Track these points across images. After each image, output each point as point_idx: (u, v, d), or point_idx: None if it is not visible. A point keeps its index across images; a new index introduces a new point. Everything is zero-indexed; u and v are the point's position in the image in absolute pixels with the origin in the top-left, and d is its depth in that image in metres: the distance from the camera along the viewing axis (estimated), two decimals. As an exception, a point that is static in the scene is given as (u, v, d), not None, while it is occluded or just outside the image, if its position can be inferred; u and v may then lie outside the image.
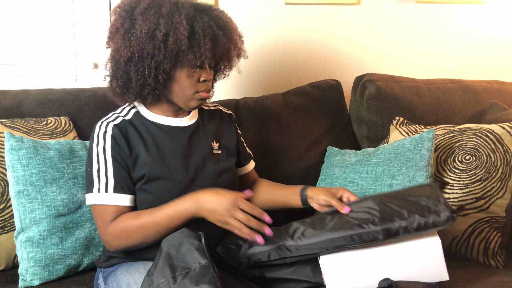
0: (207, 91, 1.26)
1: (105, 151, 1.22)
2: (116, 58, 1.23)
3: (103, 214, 1.20)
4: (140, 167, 1.23)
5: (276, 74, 2.09)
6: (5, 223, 1.42)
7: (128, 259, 1.27)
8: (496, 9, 2.13)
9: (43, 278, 1.34)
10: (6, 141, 1.37)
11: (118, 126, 1.24)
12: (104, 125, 1.25)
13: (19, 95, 1.66)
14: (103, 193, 1.20)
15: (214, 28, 1.22)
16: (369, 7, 2.08)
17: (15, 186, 1.35)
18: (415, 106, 1.83)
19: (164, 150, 1.26)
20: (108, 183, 1.20)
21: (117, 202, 1.21)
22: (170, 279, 0.98)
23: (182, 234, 1.08)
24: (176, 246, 1.05)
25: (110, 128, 1.23)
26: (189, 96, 1.25)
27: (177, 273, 0.98)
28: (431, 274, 1.11)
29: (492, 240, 1.41)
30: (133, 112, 1.29)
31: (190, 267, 0.99)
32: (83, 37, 1.96)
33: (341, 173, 1.60)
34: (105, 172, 1.21)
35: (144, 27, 1.18)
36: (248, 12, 2.00)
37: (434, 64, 2.15)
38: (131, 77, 1.22)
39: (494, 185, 1.44)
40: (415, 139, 1.48)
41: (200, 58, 1.20)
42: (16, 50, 1.94)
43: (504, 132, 1.48)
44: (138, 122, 1.28)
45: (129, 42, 1.19)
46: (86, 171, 1.25)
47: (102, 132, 1.23)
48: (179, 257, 1.02)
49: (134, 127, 1.26)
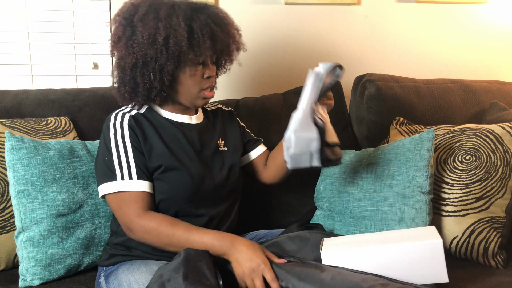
0: (211, 88, 1.29)
1: (124, 139, 1.24)
2: (121, 66, 1.26)
3: (129, 201, 1.21)
4: (156, 157, 1.25)
5: (276, 74, 2.09)
6: (5, 223, 1.42)
7: (129, 256, 1.28)
8: (496, 9, 2.14)
9: (44, 278, 1.34)
10: (7, 141, 1.37)
11: (134, 117, 1.28)
12: (120, 116, 1.28)
13: (19, 95, 1.66)
14: (127, 180, 1.21)
15: (211, 26, 1.24)
16: (369, 7, 2.08)
17: (16, 186, 1.35)
18: (415, 106, 1.83)
19: (178, 143, 1.30)
20: (131, 170, 1.22)
21: (142, 188, 1.22)
22: (182, 275, 1.00)
23: (204, 254, 1.11)
24: (194, 258, 1.08)
25: (126, 118, 1.27)
26: (194, 95, 1.28)
27: (189, 275, 1.00)
28: (431, 275, 1.11)
29: (492, 240, 1.41)
30: (146, 107, 1.32)
31: (207, 277, 1.01)
32: (83, 37, 1.96)
33: (341, 173, 1.60)
34: (126, 160, 1.23)
35: (145, 33, 1.20)
36: (248, 12, 2.00)
37: (434, 64, 2.15)
38: (138, 82, 1.24)
39: (494, 185, 1.44)
40: (415, 139, 1.48)
41: (201, 56, 1.23)
42: (16, 50, 1.94)
43: (504, 132, 1.48)
44: (151, 116, 1.31)
45: (132, 49, 1.22)
46: (101, 162, 1.25)
47: (119, 122, 1.26)
48: (196, 266, 1.05)
49: (148, 120, 1.29)
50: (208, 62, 1.27)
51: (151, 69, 1.22)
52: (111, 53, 1.30)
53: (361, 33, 2.09)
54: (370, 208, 1.49)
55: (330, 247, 1.15)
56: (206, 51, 1.22)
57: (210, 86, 1.29)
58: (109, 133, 1.26)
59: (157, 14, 1.22)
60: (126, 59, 1.23)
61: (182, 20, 1.21)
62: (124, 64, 1.25)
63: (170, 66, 1.22)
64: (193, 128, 1.34)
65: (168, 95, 1.29)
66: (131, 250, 1.28)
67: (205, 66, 1.27)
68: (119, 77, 1.28)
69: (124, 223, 1.23)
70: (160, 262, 1.25)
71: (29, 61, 1.95)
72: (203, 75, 1.27)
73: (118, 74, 1.28)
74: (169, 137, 1.29)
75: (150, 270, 1.19)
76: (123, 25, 1.25)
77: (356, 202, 1.52)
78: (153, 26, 1.20)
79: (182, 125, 1.33)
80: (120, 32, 1.25)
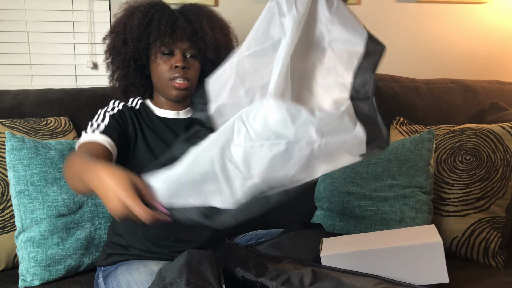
0: (183, 79, 1.27)
1: (106, 112, 1.27)
2: (112, 71, 1.36)
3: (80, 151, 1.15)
4: (137, 154, 1.27)
5: (276, 74, 2.09)
6: (5, 223, 1.42)
7: (127, 256, 1.27)
8: (496, 9, 2.13)
9: (44, 278, 1.34)
10: (7, 141, 1.37)
11: (127, 107, 1.31)
12: (117, 102, 1.32)
13: (19, 95, 1.66)
14: (89, 133, 1.20)
15: (176, 15, 1.29)
16: (369, 7, 2.08)
17: (16, 186, 1.35)
18: (415, 106, 1.83)
19: (162, 140, 1.29)
20: (99, 128, 1.21)
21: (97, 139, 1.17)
22: (185, 281, 0.98)
23: (207, 256, 1.10)
24: (197, 261, 1.07)
25: (122, 104, 1.31)
26: (164, 84, 1.29)
27: (192, 280, 0.99)
28: (431, 275, 1.11)
29: (492, 240, 1.41)
30: (140, 102, 1.36)
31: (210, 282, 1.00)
32: (83, 37, 1.96)
33: (341, 173, 1.60)
34: (97, 123, 1.23)
35: (119, 38, 1.30)
36: (248, 12, 2.00)
37: (434, 64, 2.15)
38: (116, 74, 1.35)
39: (494, 185, 1.44)
40: (415, 139, 1.48)
41: (164, 44, 1.26)
42: (16, 50, 1.94)
43: (504, 132, 1.48)
44: (143, 111, 1.33)
45: (117, 57, 1.32)
46: None
47: (112, 104, 1.31)
48: (199, 271, 1.04)
49: (139, 115, 1.32)
50: (178, 52, 1.27)
51: (121, 59, 1.30)
52: (112, 65, 1.38)
53: (361, 33, 2.09)
54: (370, 208, 1.49)
55: (330, 248, 1.15)
56: (163, 38, 1.25)
57: (180, 76, 1.27)
58: (101, 110, 1.29)
59: (129, 16, 1.29)
60: (114, 66, 1.34)
61: (145, 9, 1.28)
62: (112, 72, 1.35)
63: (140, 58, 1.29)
64: (179, 123, 1.34)
65: (149, 86, 1.35)
66: (128, 249, 1.28)
67: (173, 55, 1.28)
68: (112, 82, 1.38)
69: None
70: (159, 262, 1.24)
71: (29, 61, 1.95)
72: (171, 65, 1.27)
73: (111, 80, 1.38)
74: (154, 135, 1.29)
75: (149, 271, 1.18)
76: (113, 37, 1.35)
77: (356, 202, 1.52)
78: (124, 27, 1.29)
79: (168, 120, 1.33)
80: (111, 45, 1.35)
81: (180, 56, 1.27)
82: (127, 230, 1.28)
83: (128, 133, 1.27)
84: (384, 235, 1.20)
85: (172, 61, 1.27)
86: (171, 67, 1.27)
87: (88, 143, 1.18)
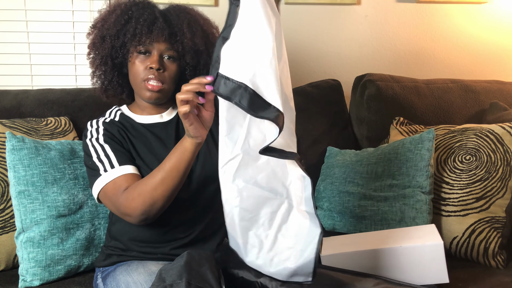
0: (156, 80, 1.25)
1: (98, 140, 1.25)
2: (94, 69, 1.36)
3: (114, 189, 1.17)
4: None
5: (276, 74, 2.09)
6: (5, 223, 1.42)
7: (126, 257, 1.27)
8: (496, 9, 2.14)
9: (44, 279, 1.34)
10: (8, 141, 1.37)
11: (108, 123, 1.29)
12: (94, 123, 1.30)
13: (19, 95, 1.66)
14: (110, 170, 1.19)
15: (155, 15, 1.27)
16: (369, 7, 2.08)
17: (16, 187, 1.35)
18: (415, 106, 1.83)
19: (149, 150, 1.27)
20: (112, 160, 1.21)
21: (125, 171, 1.19)
22: (185, 282, 0.98)
23: (208, 257, 1.09)
24: (197, 262, 1.06)
25: (101, 123, 1.29)
26: (138, 85, 1.27)
27: (192, 281, 0.99)
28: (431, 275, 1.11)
29: (492, 240, 1.41)
30: (119, 113, 1.33)
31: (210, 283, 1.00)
32: (83, 37, 1.96)
33: (341, 173, 1.60)
34: (104, 153, 1.22)
35: (98, 34, 1.30)
36: (248, 12, 2.00)
37: (434, 64, 2.15)
38: (97, 72, 1.34)
39: (494, 185, 1.44)
40: (415, 139, 1.48)
41: (140, 43, 1.24)
42: (16, 50, 1.94)
43: (504, 132, 1.48)
44: (125, 122, 1.31)
45: (96, 54, 1.33)
46: (88, 167, 1.25)
47: (94, 129, 1.28)
48: (199, 272, 1.03)
49: (123, 127, 1.29)
50: (155, 53, 1.25)
51: (100, 56, 1.29)
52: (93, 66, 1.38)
53: (361, 33, 2.09)
54: (370, 208, 1.49)
55: (330, 247, 1.15)
56: (140, 37, 1.24)
57: (154, 78, 1.25)
58: (86, 139, 1.26)
59: (108, 17, 1.29)
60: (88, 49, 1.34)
61: (126, 7, 1.27)
62: (94, 69, 1.35)
63: (117, 57, 1.28)
64: (164, 126, 1.32)
65: (127, 86, 1.33)
66: (127, 251, 1.27)
67: (149, 56, 1.26)
68: (93, 79, 1.38)
69: (120, 212, 1.18)
70: (158, 262, 1.24)
71: (29, 61, 1.95)
72: (146, 66, 1.25)
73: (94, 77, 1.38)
74: (142, 144, 1.27)
75: (148, 271, 1.18)
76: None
77: (356, 202, 1.52)
78: (103, 13, 1.30)
79: (153, 126, 1.31)
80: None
81: (156, 57, 1.25)
82: (123, 234, 1.27)
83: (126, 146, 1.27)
84: (384, 235, 1.20)
85: (147, 62, 1.25)
86: (146, 67, 1.25)
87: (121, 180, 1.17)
